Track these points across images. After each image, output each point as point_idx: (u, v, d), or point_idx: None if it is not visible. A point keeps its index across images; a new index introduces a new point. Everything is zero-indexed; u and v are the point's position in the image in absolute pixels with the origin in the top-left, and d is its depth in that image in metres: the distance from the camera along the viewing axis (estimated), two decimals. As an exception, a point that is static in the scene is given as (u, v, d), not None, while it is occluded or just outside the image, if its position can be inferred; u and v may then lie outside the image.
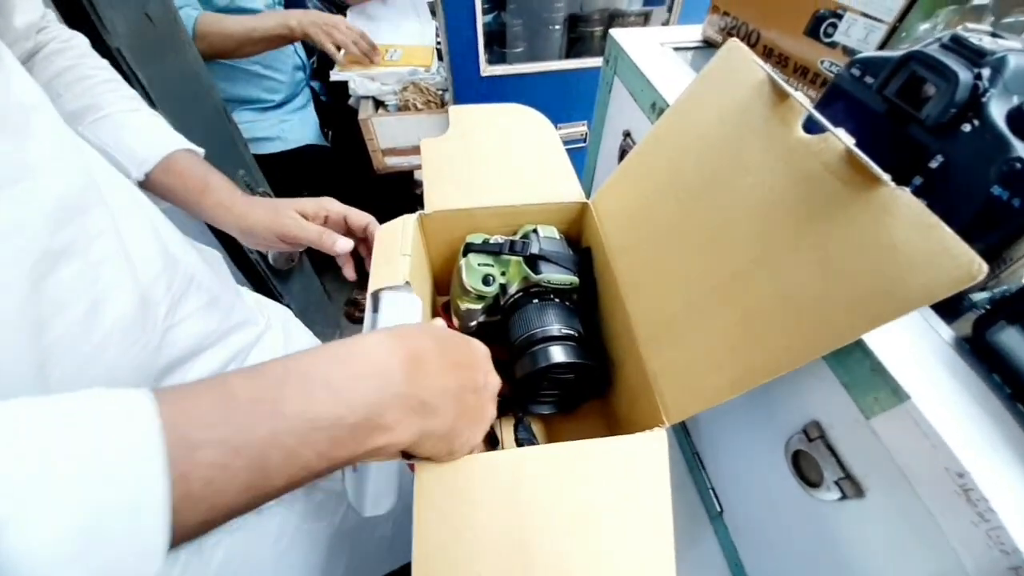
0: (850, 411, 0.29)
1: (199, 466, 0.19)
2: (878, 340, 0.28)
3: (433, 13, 1.18)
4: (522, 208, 0.49)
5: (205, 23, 0.90)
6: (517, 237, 0.49)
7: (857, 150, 0.26)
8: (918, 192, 0.31)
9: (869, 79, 0.33)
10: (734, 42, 0.37)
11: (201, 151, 0.50)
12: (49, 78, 0.43)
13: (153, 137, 0.47)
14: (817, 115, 0.29)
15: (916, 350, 0.28)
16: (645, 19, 1.19)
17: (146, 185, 0.46)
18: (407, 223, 0.45)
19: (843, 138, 0.27)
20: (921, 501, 0.27)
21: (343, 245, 0.50)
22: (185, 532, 0.19)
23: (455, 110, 0.57)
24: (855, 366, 0.28)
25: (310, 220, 0.50)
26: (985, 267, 0.21)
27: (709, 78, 0.38)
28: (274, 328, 0.53)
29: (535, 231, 0.48)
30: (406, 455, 0.29)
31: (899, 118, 0.31)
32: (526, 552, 0.29)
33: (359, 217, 0.52)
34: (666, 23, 1.14)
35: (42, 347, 0.27)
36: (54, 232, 0.28)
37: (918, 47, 0.31)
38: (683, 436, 0.50)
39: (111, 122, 0.44)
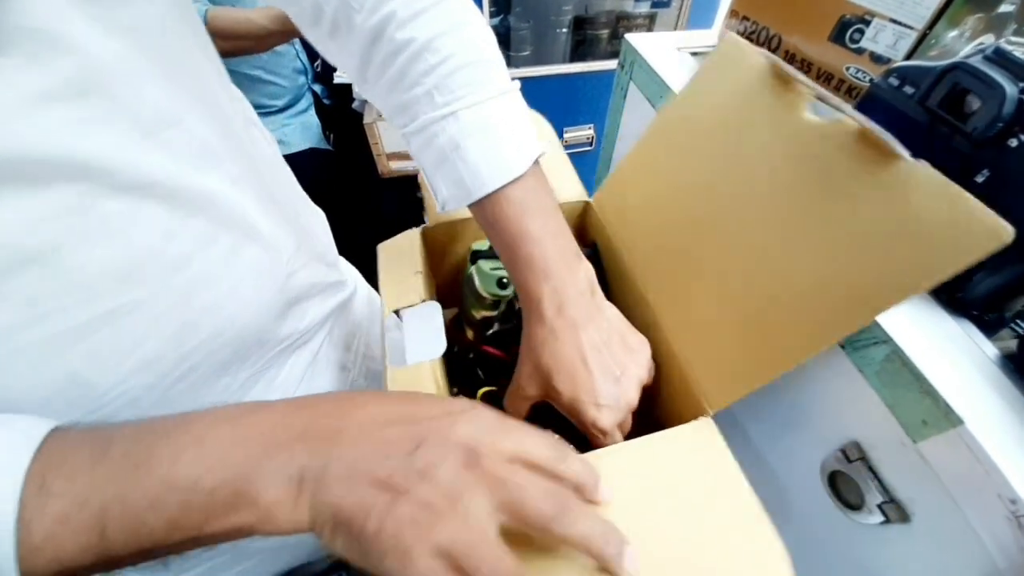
0: (895, 433, 0.28)
1: (44, 516, 0.19)
2: (925, 359, 0.27)
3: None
4: None
5: (217, 17, 0.89)
6: None
7: (872, 124, 0.26)
8: (963, 206, 0.30)
9: (909, 89, 0.32)
10: (731, 36, 0.37)
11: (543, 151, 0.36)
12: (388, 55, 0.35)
13: (502, 159, 0.33)
14: (824, 94, 0.29)
15: (962, 369, 0.28)
16: (651, 21, 1.18)
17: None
18: (413, 240, 0.44)
19: (857, 117, 0.27)
20: (971, 527, 0.26)
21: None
22: None
23: None
24: (902, 388, 0.27)
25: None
26: (1011, 229, 0.21)
27: (709, 71, 0.38)
28: (359, 292, 0.52)
29: None
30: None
31: (942, 130, 0.30)
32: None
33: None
34: (675, 26, 1.13)
35: (183, 281, 0.28)
36: (199, 177, 0.29)
37: (959, 58, 0.30)
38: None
39: (458, 156, 0.33)
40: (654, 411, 0.45)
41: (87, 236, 0.25)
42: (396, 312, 0.38)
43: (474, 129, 0.32)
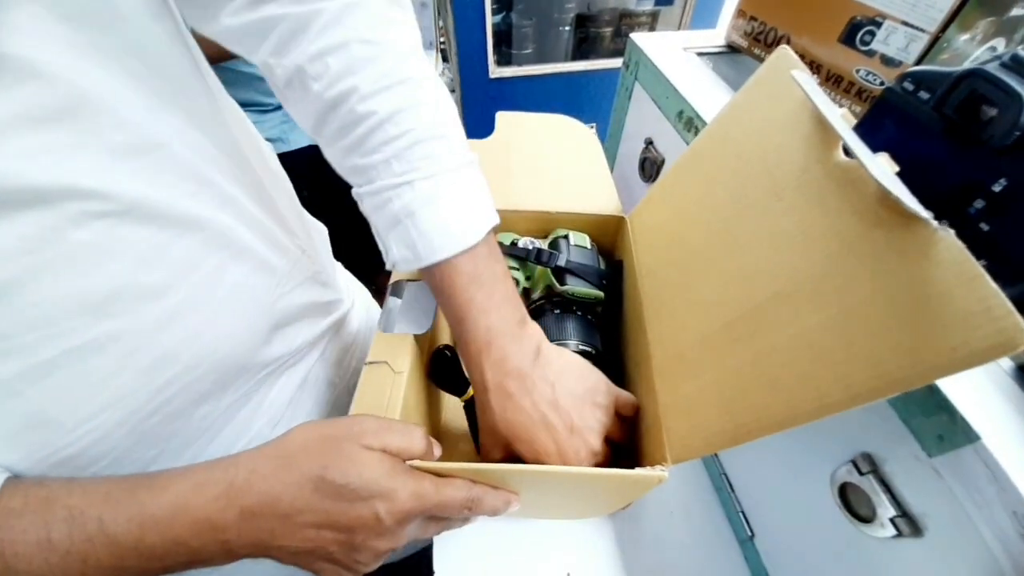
0: (909, 447, 0.28)
1: None
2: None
3: (439, 12, 1.16)
4: (556, 215, 0.48)
5: None
6: (546, 242, 0.47)
7: (891, 188, 0.22)
8: (980, 215, 0.29)
9: (924, 94, 0.31)
10: (784, 49, 0.33)
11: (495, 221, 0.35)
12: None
13: (450, 233, 0.33)
14: (854, 143, 0.25)
15: (978, 382, 0.27)
16: (654, 19, 1.17)
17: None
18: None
19: (876, 173, 0.23)
20: (985, 543, 0.26)
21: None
22: None
23: (502, 116, 0.57)
24: (918, 402, 0.27)
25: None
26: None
27: (754, 90, 0.35)
28: (357, 306, 0.52)
29: (566, 237, 0.47)
30: None
31: (958, 137, 0.30)
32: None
33: None
34: (679, 24, 1.12)
35: (161, 311, 0.28)
36: (189, 200, 0.29)
37: (976, 64, 0.30)
38: (710, 456, 0.49)
39: (410, 219, 0.33)
40: (632, 442, 0.43)
41: (52, 268, 0.24)
42: (398, 283, 0.40)
43: (429, 199, 0.32)
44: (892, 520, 0.29)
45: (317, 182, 1.21)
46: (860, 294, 0.24)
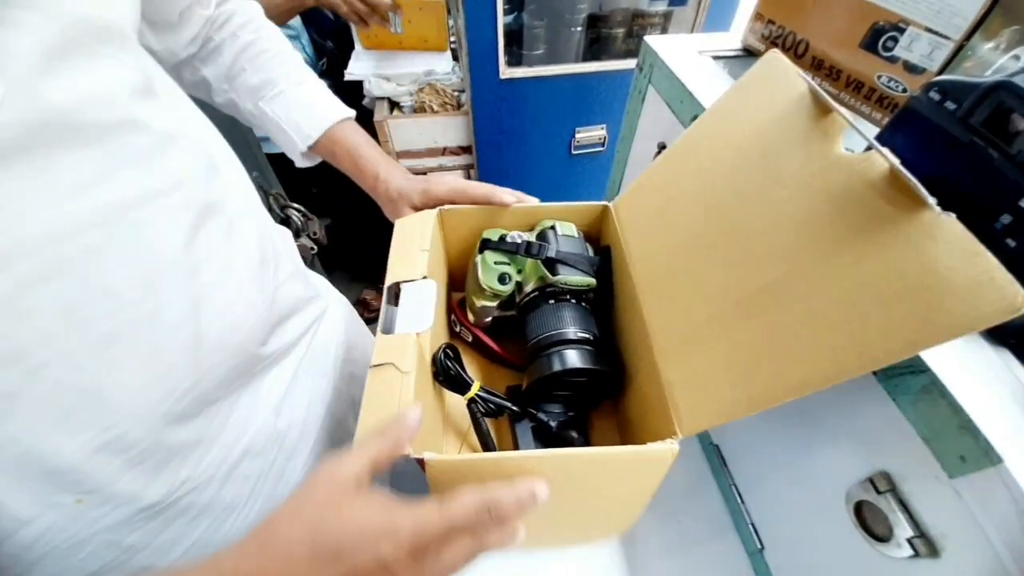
0: (929, 467, 0.27)
1: None
2: (962, 390, 0.26)
3: (449, 11, 1.16)
4: (543, 208, 0.48)
5: None
6: (534, 234, 0.47)
7: (903, 170, 0.25)
8: (1007, 231, 0.28)
9: (951, 104, 0.30)
10: (774, 53, 0.35)
11: (352, 113, 0.54)
12: (236, 53, 0.49)
13: (315, 112, 0.51)
14: (861, 130, 0.28)
15: (1002, 401, 0.26)
16: (666, 20, 1.16)
17: (313, 151, 0.52)
18: (426, 218, 0.45)
19: (889, 156, 0.26)
20: (1003, 566, 0.25)
21: (507, 200, 0.47)
22: None
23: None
24: (939, 421, 0.26)
25: (441, 200, 0.48)
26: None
27: (746, 87, 0.37)
28: (332, 305, 0.54)
29: (553, 228, 0.47)
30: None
31: (984, 150, 0.29)
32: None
33: (479, 195, 0.48)
34: (692, 26, 1.11)
35: (195, 290, 0.31)
36: (207, 185, 0.33)
37: (1005, 76, 0.29)
38: (720, 466, 0.49)
39: (284, 98, 0.50)
40: (629, 412, 0.44)
41: (122, 241, 0.27)
42: (393, 287, 0.40)
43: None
44: (909, 540, 0.28)
45: (326, 180, 1.22)
46: (871, 270, 0.26)
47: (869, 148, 0.27)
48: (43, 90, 0.24)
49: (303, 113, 0.50)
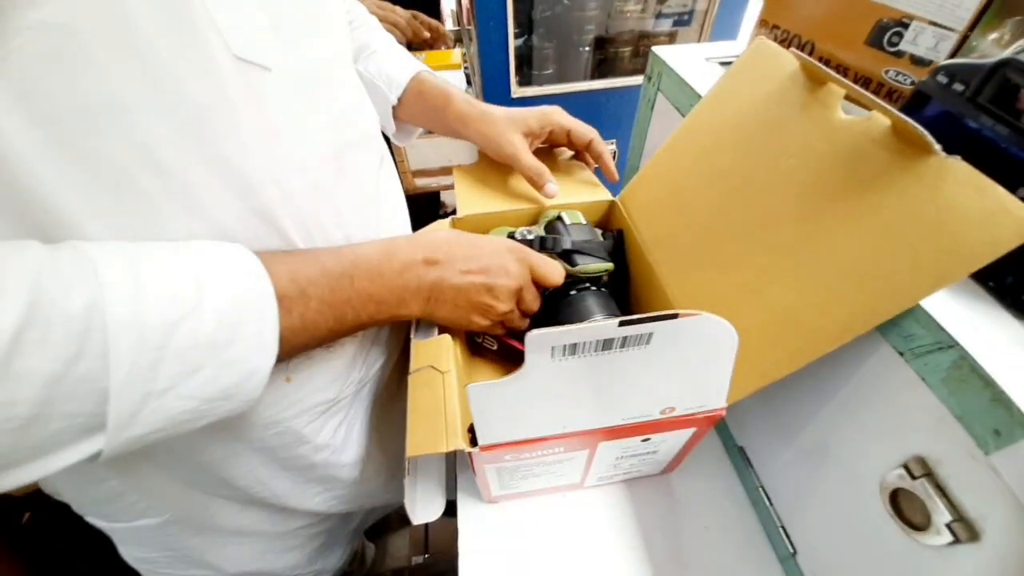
0: (964, 446, 0.26)
1: (308, 310, 0.32)
2: (992, 362, 0.25)
3: (460, 40, 1.20)
4: (551, 209, 0.50)
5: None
6: (541, 225, 0.48)
7: (907, 118, 0.26)
8: None
9: (958, 86, 0.31)
10: (761, 39, 0.38)
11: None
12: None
13: (405, 64, 0.54)
14: (860, 90, 0.29)
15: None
16: (672, 39, 1.19)
17: (400, 113, 0.55)
18: (442, 228, 0.46)
19: (890, 109, 0.28)
20: (1050, 547, 0.24)
21: (552, 190, 0.51)
22: (290, 349, 0.31)
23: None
24: (971, 396, 0.25)
25: (535, 135, 0.52)
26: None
27: (739, 72, 0.40)
28: None
29: (560, 219, 0.47)
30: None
31: (994, 128, 0.29)
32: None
33: (583, 133, 0.53)
34: (697, 42, 1.14)
35: (378, 222, 0.43)
36: (380, 140, 0.45)
37: (1008, 54, 0.29)
38: (744, 467, 0.47)
39: (377, 57, 0.54)
40: None
41: (343, 175, 0.38)
42: None
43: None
44: (948, 526, 0.27)
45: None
46: (891, 216, 0.28)
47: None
48: (305, 49, 0.33)
49: (393, 66, 0.53)
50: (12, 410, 0.20)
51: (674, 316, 0.26)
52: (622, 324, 0.26)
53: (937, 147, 0.25)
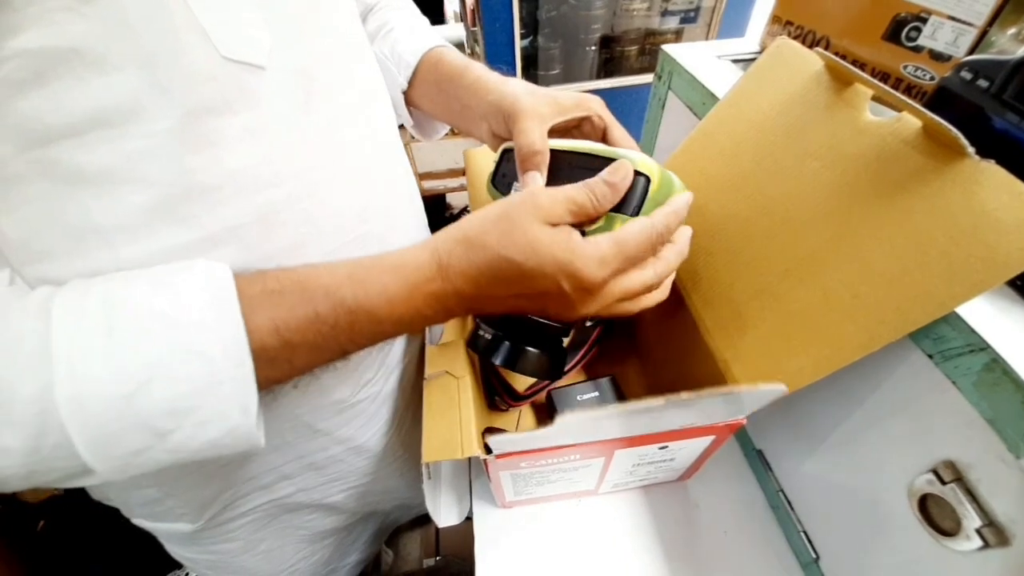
0: (995, 449, 0.26)
1: (296, 356, 0.28)
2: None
3: (469, 41, 1.20)
4: None
5: None
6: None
7: (941, 120, 0.25)
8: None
9: (983, 82, 0.30)
10: (783, 39, 0.37)
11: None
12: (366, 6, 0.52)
13: (420, 39, 0.48)
14: (889, 90, 0.28)
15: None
16: (678, 37, 1.19)
17: (414, 97, 0.49)
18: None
19: (924, 111, 0.27)
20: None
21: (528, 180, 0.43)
22: (278, 385, 0.29)
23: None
24: (1002, 399, 0.25)
25: (561, 113, 0.41)
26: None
27: (760, 72, 0.38)
28: None
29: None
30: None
31: (1020, 125, 0.29)
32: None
33: (621, 138, 0.44)
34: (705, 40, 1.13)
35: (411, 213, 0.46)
36: (397, 136, 0.44)
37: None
38: (764, 472, 0.47)
39: (392, 35, 0.49)
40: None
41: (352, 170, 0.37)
42: None
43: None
44: (978, 531, 0.27)
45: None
46: (921, 221, 0.27)
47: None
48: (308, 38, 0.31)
49: (406, 41, 0.48)
50: (7, 472, 0.23)
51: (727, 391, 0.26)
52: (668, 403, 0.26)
53: (971, 150, 0.25)
